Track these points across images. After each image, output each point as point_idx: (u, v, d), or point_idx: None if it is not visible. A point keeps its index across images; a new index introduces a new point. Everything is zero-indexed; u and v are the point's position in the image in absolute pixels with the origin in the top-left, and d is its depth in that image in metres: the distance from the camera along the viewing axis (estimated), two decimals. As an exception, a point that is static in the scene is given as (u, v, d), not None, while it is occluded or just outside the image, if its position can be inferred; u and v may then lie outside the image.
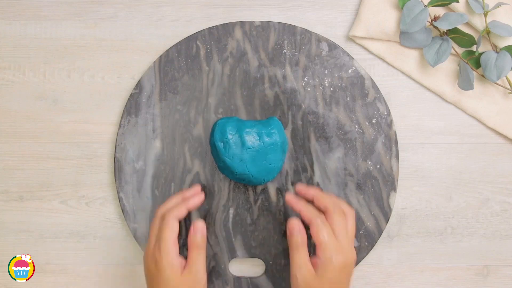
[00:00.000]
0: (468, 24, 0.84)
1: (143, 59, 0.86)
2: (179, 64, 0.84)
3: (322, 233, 0.71)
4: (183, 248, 0.81)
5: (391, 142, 0.83)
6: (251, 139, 0.78)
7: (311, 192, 0.76)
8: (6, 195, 0.85)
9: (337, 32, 0.86)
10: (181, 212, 0.74)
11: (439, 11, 0.84)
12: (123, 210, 0.83)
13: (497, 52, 0.82)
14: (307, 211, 0.73)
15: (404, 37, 0.83)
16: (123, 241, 0.85)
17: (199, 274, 0.72)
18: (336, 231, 0.72)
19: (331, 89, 0.84)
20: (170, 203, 0.77)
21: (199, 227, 0.73)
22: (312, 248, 0.74)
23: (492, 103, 0.84)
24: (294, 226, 0.73)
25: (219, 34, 0.85)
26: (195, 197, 0.77)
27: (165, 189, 0.83)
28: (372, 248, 0.82)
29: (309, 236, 0.74)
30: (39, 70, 0.86)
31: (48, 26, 0.86)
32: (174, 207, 0.75)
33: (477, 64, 0.83)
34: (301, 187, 0.77)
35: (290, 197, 0.75)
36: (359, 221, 0.82)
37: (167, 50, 0.84)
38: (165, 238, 0.72)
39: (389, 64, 0.86)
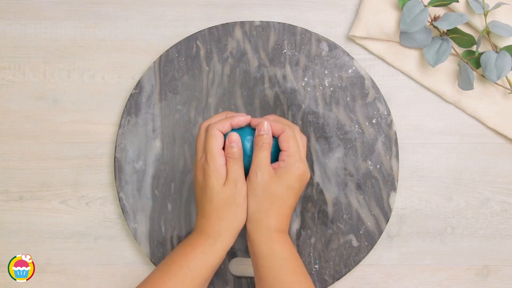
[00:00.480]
0: (468, 24, 0.84)
1: (143, 59, 0.86)
2: (179, 64, 0.84)
3: (292, 141, 0.74)
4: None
5: (391, 142, 0.83)
6: (252, 148, 0.76)
7: (271, 117, 0.79)
8: (6, 195, 0.85)
9: (337, 32, 0.86)
10: (224, 126, 0.76)
11: (439, 11, 0.84)
12: (123, 210, 0.83)
13: (497, 52, 0.82)
14: (278, 123, 0.76)
15: (404, 37, 0.83)
16: (123, 241, 0.84)
17: (238, 183, 0.74)
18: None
19: (331, 89, 0.84)
20: (214, 118, 0.78)
21: (233, 139, 0.75)
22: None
23: (492, 103, 0.84)
24: (265, 127, 0.75)
25: (219, 34, 0.85)
26: (240, 116, 0.78)
27: (165, 189, 0.83)
28: (372, 248, 0.82)
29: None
30: (39, 70, 0.86)
31: (48, 26, 0.86)
32: (218, 121, 0.76)
33: (477, 64, 0.83)
34: (259, 120, 0.78)
35: (254, 119, 0.77)
36: (359, 221, 0.82)
37: (167, 50, 0.84)
38: (210, 147, 0.74)
39: (389, 64, 0.86)
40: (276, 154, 0.76)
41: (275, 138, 0.76)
